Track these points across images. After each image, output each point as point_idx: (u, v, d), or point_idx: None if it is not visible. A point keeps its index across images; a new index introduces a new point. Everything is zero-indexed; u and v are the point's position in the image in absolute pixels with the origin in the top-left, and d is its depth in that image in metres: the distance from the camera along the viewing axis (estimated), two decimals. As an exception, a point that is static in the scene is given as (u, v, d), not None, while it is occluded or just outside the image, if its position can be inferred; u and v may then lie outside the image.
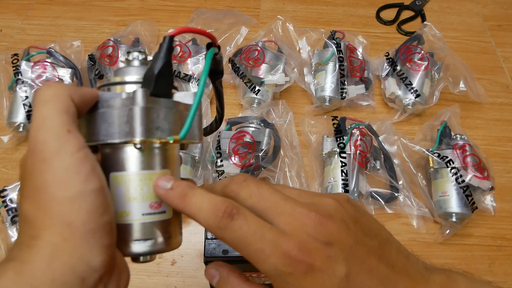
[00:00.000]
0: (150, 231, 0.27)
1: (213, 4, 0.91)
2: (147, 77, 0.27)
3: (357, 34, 0.80)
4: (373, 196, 0.61)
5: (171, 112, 0.27)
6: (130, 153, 0.26)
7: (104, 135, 0.26)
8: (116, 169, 0.27)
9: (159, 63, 0.26)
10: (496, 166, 0.66)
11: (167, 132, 0.27)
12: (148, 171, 0.27)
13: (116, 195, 0.26)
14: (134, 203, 0.26)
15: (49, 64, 0.68)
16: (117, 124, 0.26)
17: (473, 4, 0.94)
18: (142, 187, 0.26)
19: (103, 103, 0.26)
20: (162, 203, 0.27)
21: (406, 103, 0.71)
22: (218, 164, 0.59)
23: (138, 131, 0.25)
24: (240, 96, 0.73)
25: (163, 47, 0.26)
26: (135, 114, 0.25)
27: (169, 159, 0.28)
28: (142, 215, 0.27)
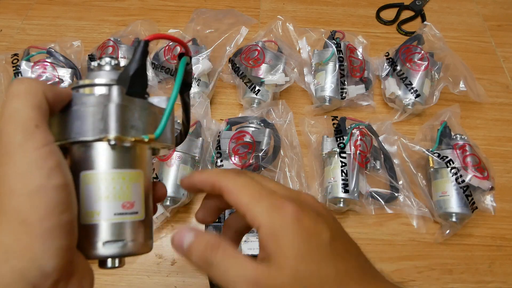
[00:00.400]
0: (121, 232, 0.26)
1: (213, 4, 0.91)
2: (121, 78, 0.27)
3: (357, 34, 0.80)
4: (373, 196, 0.61)
5: (146, 113, 0.27)
6: (103, 150, 0.26)
7: (76, 133, 0.26)
8: (87, 167, 0.26)
9: (134, 65, 0.27)
10: (496, 166, 0.66)
11: (141, 131, 0.27)
12: (121, 170, 0.26)
13: (87, 194, 0.26)
14: (106, 202, 0.26)
15: (49, 64, 0.68)
16: (91, 121, 0.26)
17: (473, 4, 0.94)
18: (114, 185, 0.26)
19: (76, 101, 0.26)
20: (135, 203, 0.27)
21: (406, 103, 0.71)
22: (218, 164, 0.59)
23: (112, 127, 0.25)
24: (240, 96, 0.73)
25: (138, 50, 0.27)
26: (110, 110, 0.25)
27: (142, 160, 0.28)
28: (114, 214, 0.26)
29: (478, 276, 0.58)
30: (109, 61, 0.29)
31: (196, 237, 0.27)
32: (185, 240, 0.27)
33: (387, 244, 0.60)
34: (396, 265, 0.58)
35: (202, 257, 0.26)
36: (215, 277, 0.26)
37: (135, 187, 0.27)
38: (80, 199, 0.26)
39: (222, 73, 0.76)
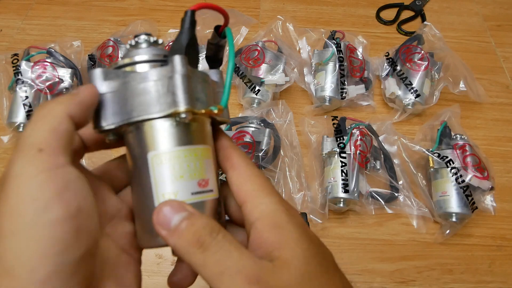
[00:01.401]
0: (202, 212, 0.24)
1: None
2: (175, 49, 0.25)
3: (357, 34, 0.80)
4: (373, 196, 0.61)
5: (206, 85, 0.26)
6: (171, 126, 0.24)
7: (139, 111, 0.23)
8: (156, 147, 0.24)
9: (185, 36, 0.25)
10: (496, 166, 0.66)
11: (205, 104, 0.25)
12: (193, 146, 0.24)
13: (159, 176, 0.24)
14: (181, 181, 0.24)
15: (49, 64, 0.68)
16: (156, 96, 0.23)
17: (473, 4, 0.94)
18: (188, 163, 0.24)
19: (134, 77, 0.24)
20: (209, 180, 0.25)
21: (406, 103, 0.71)
22: (218, 164, 0.59)
23: (182, 100, 0.23)
24: (240, 96, 0.73)
25: (186, 21, 0.26)
26: (177, 81, 0.23)
27: (209, 135, 0.26)
28: (191, 194, 0.24)
29: (478, 276, 0.58)
30: (146, 38, 0.27)
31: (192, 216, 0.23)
32: (174, 217, 0.22)
33: (387, 244, 0.60)
34: (396, 265, 0.58)
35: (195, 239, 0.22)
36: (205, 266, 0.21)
37: (207, 163, 0.25)
38: (152, 182, 0.24)
39: (222, 73, 0.75)
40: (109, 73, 0.25)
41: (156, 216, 0.23)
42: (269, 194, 0.24)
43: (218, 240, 0.22)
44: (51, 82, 0.67)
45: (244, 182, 0.25)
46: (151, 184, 0.24)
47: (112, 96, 0.24)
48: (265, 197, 0.24)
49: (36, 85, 0.66)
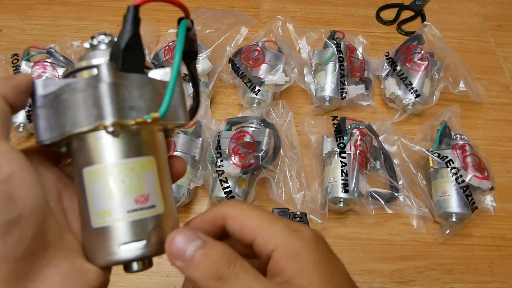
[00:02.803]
0: (140, 230, 0.23)
1: (213, 4, 0.91)
2: (113, 53, 0.23)
3: (357, 34, 0.80)
4: (373, 196, 0.61)
5: (147, 89, 0.24)
6: (103, 140, 0.23)
7: (70, 125, 0.22)
8: (89, 163, 0.23)
9: (125, 36, 0.23)
10: (496, 166, 0.66)
11: (144, 112, 0.23)
12: (129, 160, 0.23)
13: (94, 193, 0.23)
14: (115, 199, 0.22)
15: (49, 64, 0.68)
16: (84, 108, 0.22)
17: (473, 4, 0.94)
18: (122, 179, 0.22)
19: (65, 89, 0.23)
20: (150, 196, 0.23)
21: (406, 103, 0.71)
22: (218, 164, 0.59)
23: (108, 111, 0.22)
24: (240, 96, 0.73)
25: (128, 17, 0.23)
26: (101, 92, 0.22)
27: (152, 144, 0.24)
28: (127, 212, 0.22)
29: (478, 276, 0.58)
30: (102, 38, 0.25)
31: (207, 245, 0.22)
32: (189, 248, 0.22)
33: (387, 244, 0.60)
34: (396, 265, 0.58)
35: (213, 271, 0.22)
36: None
37: (148, 177, 0.23)
38: (88, 199, 0.23)
39: (222, 73, 0.76)
40: (49, 84, 0.24)
41: (169, 246, 0.23)
42: (274, 223, 0.24)
43: (237, 271, 0.22)
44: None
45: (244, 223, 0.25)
46: (87, 201, 0.23)
47: (48, 109, 0.23)
48: (272, 226, 0.24)
49: (36, 85, 0.66)
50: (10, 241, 0.20)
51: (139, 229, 0.23)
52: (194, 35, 0.27)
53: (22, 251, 0.20)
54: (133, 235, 0.23)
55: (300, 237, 0.24)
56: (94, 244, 0.23)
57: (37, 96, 0.24)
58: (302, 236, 0.24)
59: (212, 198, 0.60)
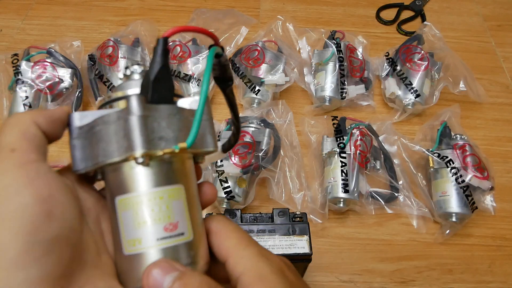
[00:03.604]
0: (169, 258, 0.23)
1: (213, 4, 0.91)
2: (144, 85, 0.24)
3: (357, 34, 0.80)
4: (373, 196, 0.61)
5: (175, 119, 0.24)
6: (133, 170, 0.23)
7: (103, 156, 0.23)
8: (121, 192, 0.24)
9: (155, 68, 0.24)
10: (496, 166, 0.66)
11: (172, 141, 0.24)
12: (158, 189, 0.24)
13: (125, 221, 0.24)
14: (145, 227, 0.23)
15: (49, 64, 0.68)
16: (115, 140, 0.23)
17: (473, 4, 0.94)
18: (152, 208, 0.23)
19: (98, 121, 0.24)
20: (179, 223, 0.24)
21: (406, 103, 0.71)
22: (218, 164, 0.59)
23: (137, 143, 0.23)
24: (240, 96, 0.73)
25: (157, 50, 0.24)
26: (131, 124, 0.23)
27: (181, 172, 0.25)
28: (157, 240, 0.23)
29: (478, 276, 0.58)
30: (135, 69, 0.26)
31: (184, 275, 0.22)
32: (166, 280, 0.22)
33: (387, 244, 0.60)
34: (396, 265, 0.58)
35: None
36: None
37: (177, 205, 0.24)
38: (120, 227, 0.24)
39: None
40: (85, 116, 0.25)
41: (146, 280, 0.22)
42: (247, 246, 0.25)
43: None
44: (51, 82, 0.67)
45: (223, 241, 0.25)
46: (119, 229, 0.24)
47: (84, 140, 0.24)
48: (245, 249, 0.25)
49: (36, 85, 0.66)
50: (50, 261, 0.20)
51: (168, 256, 0.23)
52: (226, 61, 0.28)
53: (62, 271, 0.21)
54: None
55: (269, 263, 0.24)
56: (126, 269, 0.24)
57: (73, 127, 0.25)
58: (271, 262, 0.25)
59: (212, 198, 0.59)
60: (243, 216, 0.46)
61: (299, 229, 0.45)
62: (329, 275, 0.57)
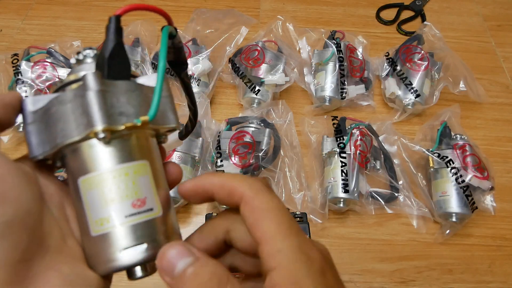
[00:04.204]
0: (140, 234, 0.23)
1: (213, 4, 0.91)
2: (99, 63, 0.24)
3: (357, 34, 0.80)
4: (373, 196, 0.61)
5: (134, 95, 0.24)
6: (95, 148, 0.23)
7: (61, 137, 0.23)
8: (83, 172, 0.23)
9: (109, 45, 0.24)
10: (496, 166, 0.66)
11: (133, 116, 0.23)
12: (122, 165, 0.23)
13: (91, 202, 0.23)
14: (112, 205, 0.22)
15: (49, 64, 0.68)
16: (73, 118, 0.22)
17: (473, 4, 0.94)
18: (118, 185, 0.23)
19: (54, 102, 0.23)
20: (147, 199, 0.23)
21: (406, 103, 0.71)
22: (218, 164, 0.59)
23: (97, 118, 0.22)
24: (240, 96, 0.73)
25: (110, 28, 0.24)
26: (89, 100, 0.22)
27: (145, 148, 0.24)
28: (125, 217, 0.22)
29: (478, 276, 0.58)
30: (88, 52, 0.25)
31: (198, 262, 0.21)
32: (179, 263, 0.22)
33: (387, 244, 0.60)
34: (396, 265, 0.58)
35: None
36: None
37: (143, 181, 0.23)
38: (85, 208, 0.23)
39: (222, 73, 0.76)
40: (39, 100, 0.24)
41: (159, 260, 0.22)
42: (287, 236, 0.22)
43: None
44: (51, 82, 0.67)
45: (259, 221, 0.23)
46: (84, 210, 0.23)
47: (39, 124, 0.24)
48: (283, 240, 0.22)
49: (36, 85, 0.66)
50: (6, 245, 0.20)
51: (139, 233, 0.23)
52: (180, 43, 0.27)
53: (19, 255, 0.20)
54: (133, 240, 0.23)
55: (308, 263, 0.22)
56: (95, 252, 0.23)
57: (27, 113, 0.24)
58: (311, 262, 0.22)
59: (212, 198, 0.59)
60: (243, 216, 0.46)
61: (299, 229, 0.45)
62: (329, 275, 0.57)
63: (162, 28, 0.26)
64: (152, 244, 0.23)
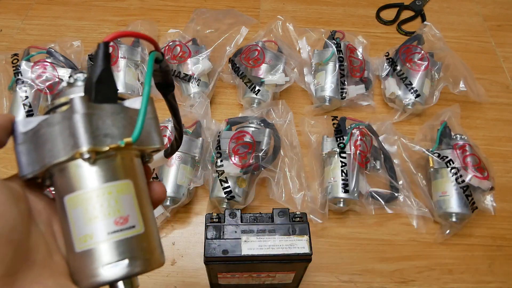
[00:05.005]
0: (122, 250, 0.24)
1: (213, 4, 0.91)
2: (87, 87, 0.25)
3: (357, 34, 0.80)
4: (373, 196, 0.61)
5: (120, 117, 0.25)
6: (81, 168, 0.24)
7: (49, 157, 0.24)
8: (69, 191, 0.24)
9: (97, 70, 0.25)
10: (496, 166, 0.66)
11: (118, 138, 0.24)
12: (105, 184, 0.24)
13: (75, 219, 0.24)
14: (96, 222, 0.23)
15: (49, 64, 0.68)
16: (60, 140, 0.24)
17: (473, 4, 0.94)
18: (101, 203, 0.24)
19: (43, 124, 0.24)
20: (129, 217, 0.24)
21: (406, 103, 0.71)
22: (218, 164, 0.59)
23: (83, 140, 0.23)
24: (240, 96, 0.73)
25: (99, 53, 0.25)
26: (76, 122, 0.23)
27: (129, 169, 0.25)
28: (108, 234, 0.23)
29: (478, 276, 0.58)
30: (78, 76, 0.27)
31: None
32: None
33: (387, 244, 0.60)
34: (396, 265, 0.58)
35: None
36: None
37: (126, 199, 0.25)
38: (70, 225, 0.24)
39: (222, 73, 0.76)
40: (30, 122, 0.25)
41: None
42: None
43: None
44: (51, 82, 0.67)
45: None
46: (69, 227, 0.24)
47: (29, 145, 0.25)
48: None
49: (36, 85, 0.66)
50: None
51: (121, 249, 0.24)
52: (167, 66, 0.29)
53: (4, 270, 0.21)
54: (115, 255, 0.23)
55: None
56: (79, 267, 0.24)
57: (17, 134, 0.25)
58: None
59: (212, 198, 0.60)
60: (243, 216, 0.46)
61: (299, 229, 0.45)
62: (329, 275, 0.57)
63: (149, 53, 0.27)
64: (133, 260, 0.24)
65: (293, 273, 0.48)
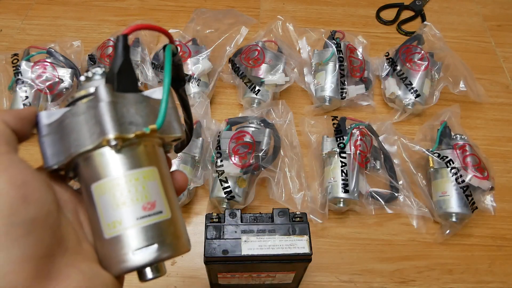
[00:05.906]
0: (151, 235, 0.24)
1: (213, 4, 0.91)
2: (108, 78, 0.26)
3: (357, 34, 0.80)
4: (373, 196, 0.61)
5: (142, 106, 0.26)
6: (107, 155, 0.24)
7: (75, 146, 0.24)
8: (96, 179, 0.24)
9: (118, 61, 0.25)
10: (496, 166, 0.66)
11: (142, 126, 0.25)
12: (132, 171, 0.24)
13: (103, 206, 0.24)
14: (124, 208, 0.24)
15: (49, 64, 0.68)
16: (86, 129, 0.24)
17: (473, 4, 0.94)
18: (129, 189, 0.24)
19: (67, 114, 0.25)
20: (156, 202, 0.25)
21: (406, 103, 0.71)
22: (218, 164, 0.59)
23: (109, 127, 0.24)
24: (240, 96, 0.73)
25: (118, 46, 0.26)
26: (102, 110, 0.24)
27: (153, 156, 0.26)
28: (136, 219, 0.24)
29: (478, 276, 0.58)
30: (96, 70, 0.27)
31: None
32: None
33: (387, 244, 0.60)
34: (396, 265, 0.58)
35: None
36: None
37: (152, 185, 0.25)
38: (98, 212, 0.24)
39: (222, 73, 0.76)
40: (53, 114, 0.26)
41: None
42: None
43: None
44: (51, 82, 0.67)
45: None
46: (97, 215, 0.24)
47: (54, 136, 0.25)
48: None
49: (36, 85, 0.66)
50: (30, 241, 0.21)
51: (150, 234, 0.24)
52: (180, 61, 0.29)
53: (43, 251, 0.22)
54: (144, 240, 0.24)
55: None
56: (108, 254, 0.24)
57: (41, 125, 0.26)
58: None
59: (212, 198, 0.60)
60: (243, 216, 0.46)
61: (299, 229, 0.45)
62: (329, 275, 0.57)
63: (165, 47, 0.28)
64: (162, 245, 0.24)
65: (293, 273, 0.48)
